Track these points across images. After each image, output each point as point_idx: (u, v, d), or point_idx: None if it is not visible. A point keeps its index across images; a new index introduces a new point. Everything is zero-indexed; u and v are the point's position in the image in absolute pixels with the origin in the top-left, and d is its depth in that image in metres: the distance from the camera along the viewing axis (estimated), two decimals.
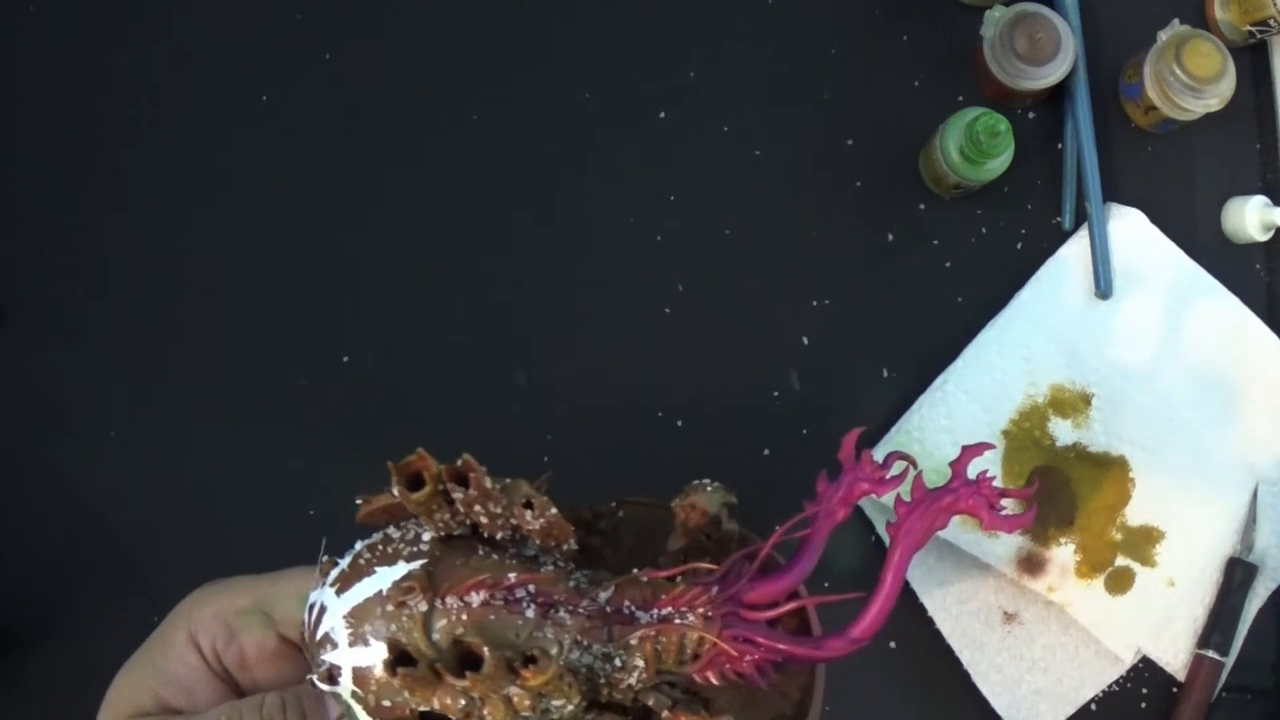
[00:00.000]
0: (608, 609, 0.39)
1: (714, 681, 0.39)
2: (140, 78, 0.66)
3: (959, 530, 0.62)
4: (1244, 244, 0.68)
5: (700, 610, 0.39)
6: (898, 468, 0.42)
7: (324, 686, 0.37)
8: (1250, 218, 0.66)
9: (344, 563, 0.38)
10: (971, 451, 0.42)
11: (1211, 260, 0.66)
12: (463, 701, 0.35)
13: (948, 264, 0.67)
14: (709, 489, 0.44)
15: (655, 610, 0.39)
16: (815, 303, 0.66)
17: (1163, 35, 0.64)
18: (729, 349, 0.66)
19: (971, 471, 0.43)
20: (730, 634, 0.39)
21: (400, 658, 0.34)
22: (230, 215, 0.66)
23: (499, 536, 0.39)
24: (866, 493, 0.42)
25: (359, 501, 0.39)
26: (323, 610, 0.37)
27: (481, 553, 0.38)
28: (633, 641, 0.38)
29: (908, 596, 0.64)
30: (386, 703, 0.36)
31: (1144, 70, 0.64)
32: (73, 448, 0.63)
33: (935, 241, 0.67)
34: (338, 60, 0.67)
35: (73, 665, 0.61)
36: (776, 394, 0.65)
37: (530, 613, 0.37)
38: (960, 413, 0.64)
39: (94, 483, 0.63)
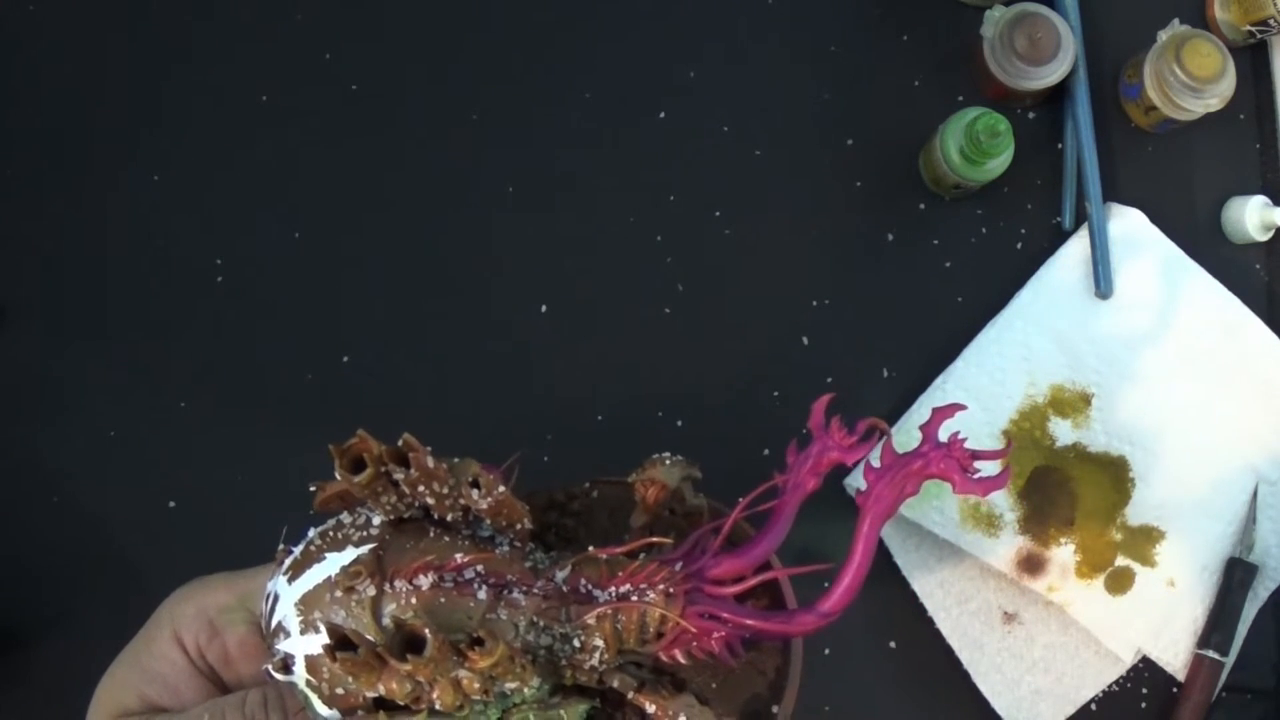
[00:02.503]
0: (564, 589, 0.38)
1: (681, 661, 0.38)
2: (140, 78, 0.66)
3: (959, 530, 0.62)
4: (1244, 244, 0.68)
5: (661, 587, 0.37)
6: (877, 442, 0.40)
7: (279, 676, 0.36)
8: (1250, 218, 0.66)
9: (297, 551, 0.37)
10: (941, 414, 0.40)
11: (1211, 260, 0.66)
12: (409, 686, 0.34)
13: (948, 264, 0.67)
14: (667, 462, 0.42)
15: (613, 588, 0.38)
16: (815, 303, 0.66)
17: (1163, 35, 0.64)
18: (729, 349, 0.66)
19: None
20: (695, 611, 0.37)
21: (340, 643, 0.33)
22: (230, 215, 0.66)
23: (450, 518, 0.38)
24: (836, 461, 0.40)
25: (312, 488, 0.39)
26: (276, 599, 0.37)
27: (433, 535, 0.38)
28: (590, 621, 0.37)
29: (908, 596, 0.64)
30: (340, 690, 0.35)
31: (1144, 70, 0.64)
32: (73, 447, 0.63)
33: (935, 241, 0.67)
34: (338, 60, 0.67)
35: (73, 665, 0.61)
36: (776, 394, 0.65)
37: (482, 594, 0.36)
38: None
39: (94, 482, 0.63)
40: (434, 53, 0.67)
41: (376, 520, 0.38)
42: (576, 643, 0.37)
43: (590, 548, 0.39)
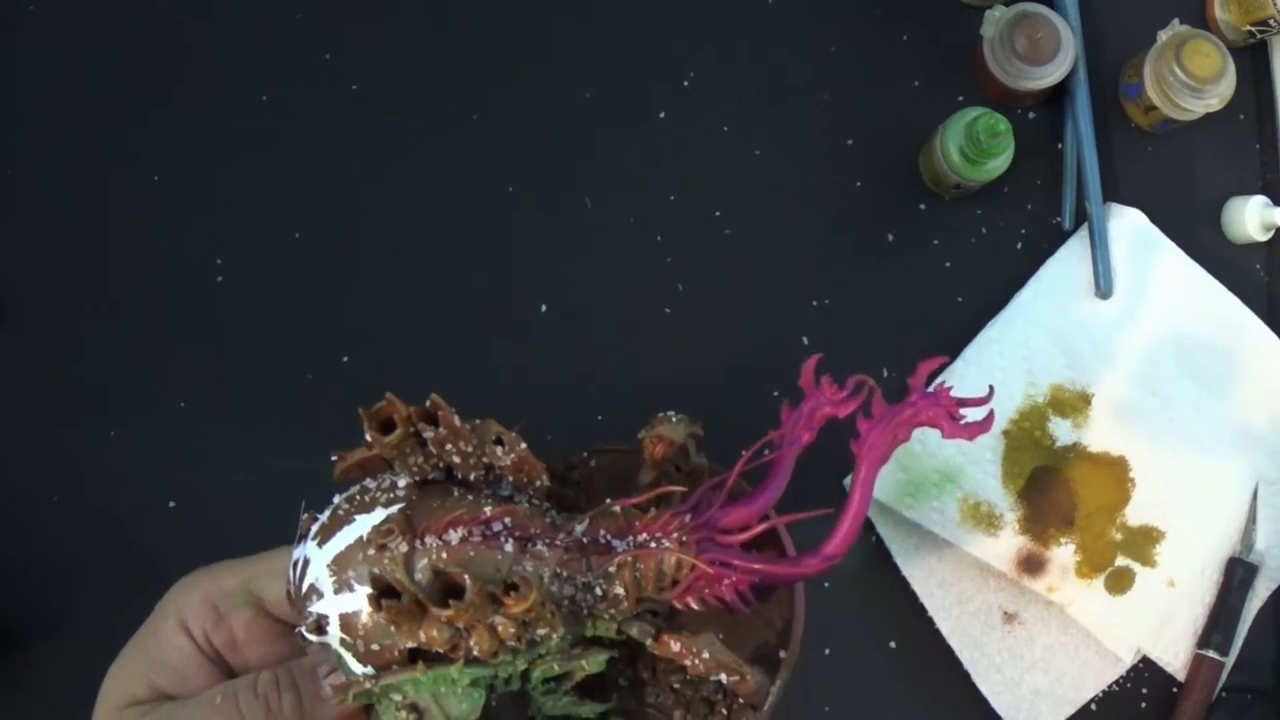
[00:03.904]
0: (584, 540, 0.39)
1: (694, 607, 0.40)
2: (140, 78, 0.66)
3: (959, 530, 0.62)
4: (1244, 244, 0.68)
5: (675, 535, 0.39)
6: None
7: (312, 637, 0.37)
8: (1250, 218, 0.66)
9: (324, 516, 0.38)
10: (926, 365, 0.43)
11: (1211, 260, 0.66)
12: (448, 633, 0.35)
13: (948, 264, 0.67)
14: (674, 419, 0.44)
15: (631, 538, 0.39)
16: (815, 303, 0.66)
17: (1163, 35, 0.64)
18: (729, 349, 0.66)
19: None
20: (707, 558, 0.39)
21: (384, 592, 0.34)
22: (230, 215, 0.66)
23: (472, 478, 0.40)
24: (829, 415, 0.43)
25: (334, 458, 0.40)
26: (306, 563, 0.37)
27: (457, 494, 0.39)
28: (611, 569, 0.39)
29: (908, 596, 0.64)
30: (375, 646, 0.36)
31: (1144, 70, 0.64)
32: (72, 447, 0.63)
33: (935, 241, 0.67)
34: (338, 60, 0.67)
35: (72, 666, 0.61)
36: (776, 393, 0.65)
37: (509, 547, 0.37)
38: None
39: (94, 482, 0.63)
40: (434, 53, 0.67)
41: (401, 483, 0.39)
42: (598, 591, 0.39)
43: (607, 499, 0.41)
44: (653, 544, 0.39)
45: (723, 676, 0.41)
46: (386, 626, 0.35)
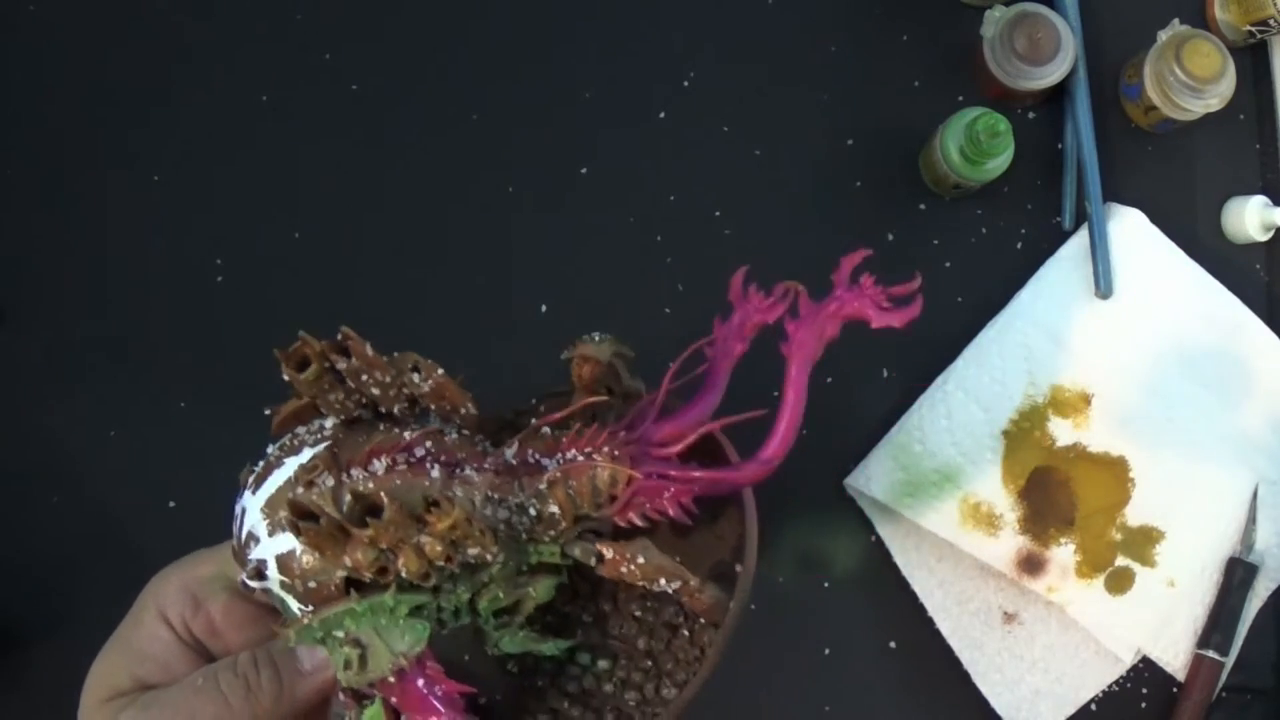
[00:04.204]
0: (514, 463, 0.39)
1: (637, 523, 0.39)
2: (140, 78, 0.66)
3: (959, 530, 0.62)
4: (1244, 244, 0.68)
5: (606, 449, 0.39)
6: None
7: (254, 584, 0.37)
8: (1250, 218, 0.66)
9: (258, 466, 0.39)
10: (849, 260, 0.43)
11: (1211, 260, 0.66)
12: (373, 554, 0.35)
13: (948, 264, 0.67)
14: (596, 338, 0.44)
15: (560, 455, 0.39)
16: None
17: (1163, 35, 0.64)
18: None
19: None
20: (643, 471, 0.39)
21: (303, 517, 0.34)
22: (231, 215, 0.66)
23: (396, 410, 0.39)
24: (759, 323, 0.43)
25: (268, 412, 0.40)
26: (244, 512, 0.38)
27: (383, 429, 0.39)
28: (542, 487, 0.38)
29: (908, 596, 0.64)
30: (312, 584, 0.36)
31: (1144, 70, 0.64)
32: (73, 447, 0.63)
33: (935, 241, 0.67)
34: (338, 60, 0.67)
35: (72, 666, 0.61)
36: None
37: (435, 473, 0.37)
38: (960, 413, 0.64)
39: (94, 482, 0.63)
40: (434, 53, 0.67)
41: (329, 424, 0.39)
42: (533, 511, 0.38)
43: (533, 420, 0.41)
44: (583, 459, 0.39)
45: (669, 587, 0.40)
46: (320, 561, 0.35)
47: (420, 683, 0.37)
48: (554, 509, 0.38)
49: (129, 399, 0.64)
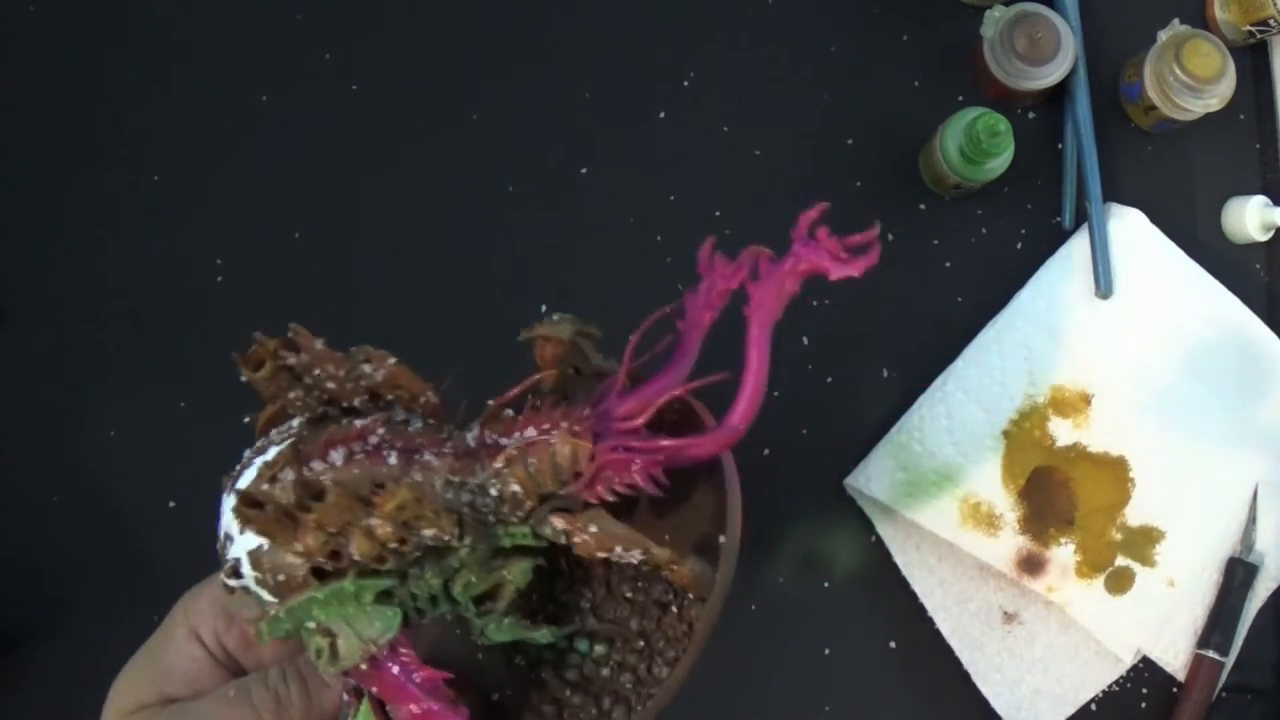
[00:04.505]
0: (474, 445, 0.39)
1: (607, 498, 0.39)
2: (140, 78, 0.66)
3: (959, 530, 0.62)
4: (1244, 244, 0.68)
5: (564, 425, 0.38)
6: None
7: (232, 583, 0.37)
8: (1250, 218, 0.66)
9: (236, 470, 0.39)
10: (805, 216, 0.42)
11: (1211, 260, 0.66)
12: (323, 538, 0.35)
13: (948, 264, 0.67)
14: (555, 318, 0.44)
15: (519, 433, 0.39)
16: (815, 303, 0.66)
17: (1163, 35, 0.64)
18: (729, 349, 0.65)
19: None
20: (607, 445, 0.38)
21: (250, 505, 0.35)
22: (230, 215, 0.66)
23: (357, 403, 0.40)
24: (725, 289, 0.42)
25: (247, 420, 0.40)
26: (222, 514, 0.38)
27: (345, 423, 0.39)
28: (500, 465, 0.38)
29: (908, 596, 0.64)
30: (281, 577, 0.36)
31: (1144, 70, 0.64)
32: (72, 448, 0.63)
33: (935, 241, 0.67)
34: (338, 60, 0.67)
35: (73, 665, 0.61)
36: (776, 393, 0.65)
37: (393, 459, 0.37)
38: (960, 413, 0.64)
39: (94, 483, 0.63)
40: (434, 53, 0.67)
41: (296, 423, 0.39)
42: (494, 492, 0.38)
43: (489, 402, 0.40)
44: (540, 436, 0.38)
45: (633, 557, 0.39)
46: (284, 554, 0.36)
47: (395, 670, 0.37)
48: (515, 488, 0.38)
49: (129, 399, 0.64)
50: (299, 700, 0.40)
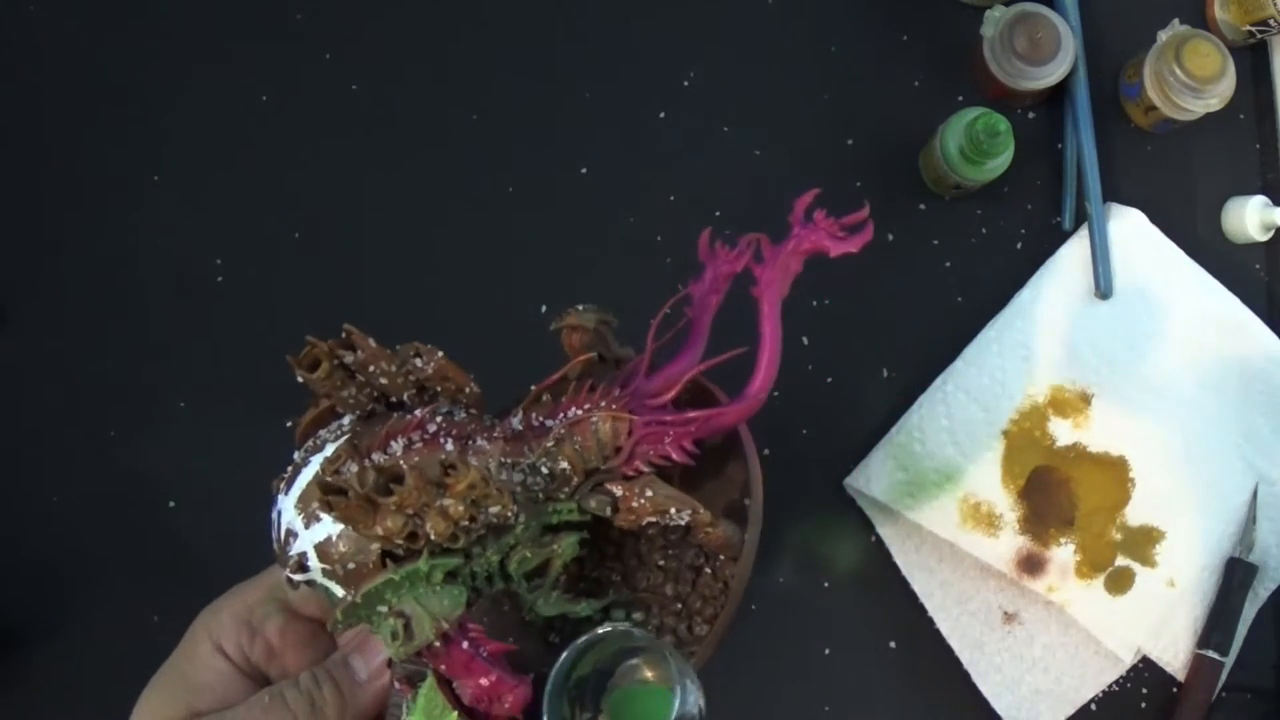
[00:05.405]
0: (521, 429, 0.42)
1: (644, 470, 0.42)
2: (140, 78, 0.66)
3: (959, 530, 0.62)
4: (1244, 244, 0.68)
5: (604, 404, 0.42)
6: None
7: (297, 577, 0.39)
8: (1250, 218, 0.66)
9: (286, 472, 0.40)
10: (801, 201, 0.46)
11: (1211, 260, 0.66)
12: (402, 521, 0.36)
13: (948, 264, 0.67)
14: (580, 309, 0.47)
15: (562, 415, 0.42)
16: (815, 303, 0.66)
17: (1163, 35, 0.64)
18: (728, 349, 0.65)
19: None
20: (641, 421, 0.42)
21: (333, 494, 0.36)
22: (230, 215, 0.66)
23: (406, 398, 0.42)
24: (729, 275, 0.46)
25: (290, 424, 0.42)
26: (280, 513, 0.39)
27: (400, 415, 0.41)
28: (550, 445, 0.41)
29: (908, 596, 0.64)
30: (351, 565, 0.38)
31: (1144, 70, 0.64)
32: (72, 447, 0.63)
33: (935, 241, 0.67)
34: (338, 60, 0.67)
35: (73, 665, 0.61)
36: (776, 393, 0.65)
37: (449, 446, 0.39)
38: (960, 413, 0.64)
39: (94, 483, 0.63)
40: (434, 53, 0.67)
41: (347, 421, 0.41)
42: (545, 470, 0.41)
43: (532, 387, 0.43)
44: (583, 415, 0.41)
45: (681, 518, 0.42)
46: (356, 542, 0.37)
47: (465, 645, 0.39)
48: (564, 465, 0.41)
49: (129, 399, 0.64)
50: (333, 700, 0.41)
